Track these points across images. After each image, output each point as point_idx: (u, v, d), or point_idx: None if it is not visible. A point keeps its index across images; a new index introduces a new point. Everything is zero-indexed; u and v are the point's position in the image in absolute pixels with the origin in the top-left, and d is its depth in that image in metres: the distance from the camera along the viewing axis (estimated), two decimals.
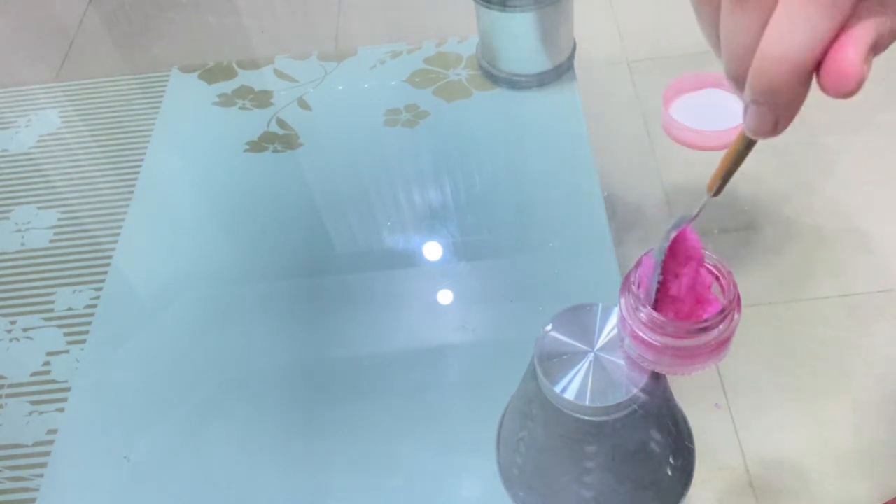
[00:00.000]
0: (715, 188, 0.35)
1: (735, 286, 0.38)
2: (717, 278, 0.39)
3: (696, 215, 0.37)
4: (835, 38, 0.25)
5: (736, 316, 0.38)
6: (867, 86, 0.25)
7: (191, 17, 1.59)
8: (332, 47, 1.51)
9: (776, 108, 0.27)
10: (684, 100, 1.32)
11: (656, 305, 0.38)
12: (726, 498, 0.90)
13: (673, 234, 0.37)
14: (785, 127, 0.29)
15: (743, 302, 0.38)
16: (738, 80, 0.29)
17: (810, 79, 0.26)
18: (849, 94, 0.25)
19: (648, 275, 0.38)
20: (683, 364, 0.39)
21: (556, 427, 0.41)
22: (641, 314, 0.38)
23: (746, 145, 0.32)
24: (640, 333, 0.38)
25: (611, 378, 0.40)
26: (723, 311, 0.37)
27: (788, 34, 0.25)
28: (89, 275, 0.73)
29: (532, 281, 0.68)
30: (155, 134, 0.86)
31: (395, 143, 0.81)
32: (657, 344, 0.38)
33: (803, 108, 0.28)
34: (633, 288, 0.38)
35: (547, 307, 0.65)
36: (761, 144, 0.34)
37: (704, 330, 0.37)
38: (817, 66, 0.26)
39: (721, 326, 0.37)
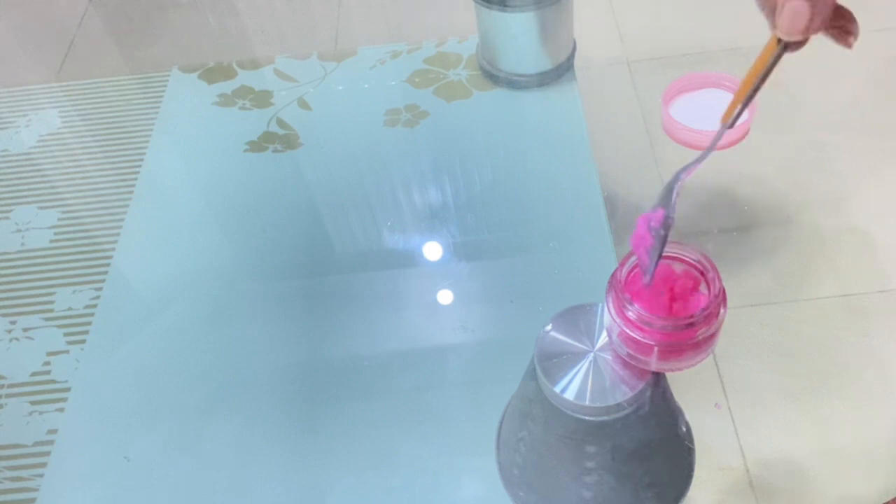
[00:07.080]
0: (732, 118, 0.36)
1: (720, 281, 0.38)
2: (703, 273, 0.39)
3: (711, 148, 0.37)
4: None
5: (722, 311, 0.38)
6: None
7: (191, 17, 1.59)
8: (332, 47, 1.51)
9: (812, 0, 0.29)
10: (684, 100, 1.31)
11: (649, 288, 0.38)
12: (726, 498, 0.90)
13: (683, 176, 0.37)
14: (817, 27, 0.30)
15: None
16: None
17: None
18: None
19: (645, 239, 0.38)
20: (672, 360, 0.39)
21: (556, 427, 0.41)
22: (629, 312, 0.37)
23: (776, 57, 0.33)
24: (628, 331, 0.38)
25: (611, 378, 0.40)
26: (708, 306, 0.37)
27: None
28: (89, 275, 0.73)
29: (532, 281, 0.68)
30: (155, 134, 0.86)
31: (395, 143, 0.81)
32: (645, 341, 0.38)
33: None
34: (619, 286, 0.38)
35: (547, 307, 0.64)
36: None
37: (691, 325, 0.37)
38: None
39: (707, 322, 0.37)
